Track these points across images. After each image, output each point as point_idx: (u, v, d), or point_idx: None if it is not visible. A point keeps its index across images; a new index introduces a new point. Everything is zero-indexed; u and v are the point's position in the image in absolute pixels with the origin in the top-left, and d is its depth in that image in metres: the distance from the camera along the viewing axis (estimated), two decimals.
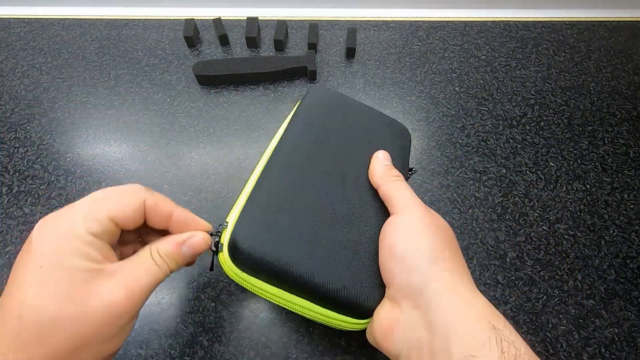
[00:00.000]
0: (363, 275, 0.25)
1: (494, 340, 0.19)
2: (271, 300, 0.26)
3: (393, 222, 0.25)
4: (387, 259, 0.24)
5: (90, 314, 0.20)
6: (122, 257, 0.25)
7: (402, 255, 0.23)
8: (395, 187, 0.27)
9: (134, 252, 0.25)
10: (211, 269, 0.28)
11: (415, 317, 0.22)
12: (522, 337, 0.33)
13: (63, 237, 0.21)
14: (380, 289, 0.25)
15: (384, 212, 0.27)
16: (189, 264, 0.26)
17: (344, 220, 0.26)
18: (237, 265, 0.25)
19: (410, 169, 0.34)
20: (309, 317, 0.26)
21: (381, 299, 0.25)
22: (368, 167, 0.30)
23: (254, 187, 0.28)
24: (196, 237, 0.25)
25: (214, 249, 0.26)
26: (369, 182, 0.29)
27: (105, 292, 0.21)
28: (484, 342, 0.19)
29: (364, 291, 0.24)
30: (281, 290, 0.25)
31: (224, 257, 0.25)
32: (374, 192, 0.28)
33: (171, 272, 0.24)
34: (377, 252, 0.26)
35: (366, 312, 0.24)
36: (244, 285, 0.26)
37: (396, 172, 0.28)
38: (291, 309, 0.26)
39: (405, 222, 0.25)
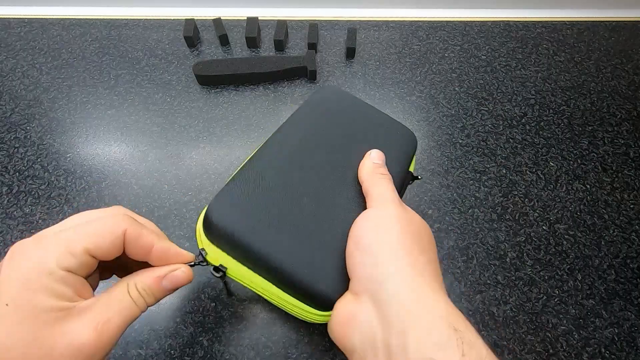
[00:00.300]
0: (329, 265, 0.24)
1: (454, 342, 0.18)
2: (239, 282, 0.26)
3: (366, 214, 0.25)
4: (352, 248, 0.24)
5: (56, 357, 0.19)
6: (102, 278, 0.25)
7: (368, 246, 0.23)
8: (378, 183, 0.26)
9: (112, 274, 0.24)
10: (229, 294, 0.28)
11: (372, 312, 0.21)
12: (522, 337, 0.34)
13: (33, 272, 0.19)
14: (344, 281, 0.24)
15: (363, 208, 0.27)
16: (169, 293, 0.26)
17: (322, 211, 0.26)
18: (208, 239, 0.25)
19: (415, 177, 0.34)
20: (274, 302, 0.26)
21: (344, 292, 0.24)
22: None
23: (240, 169, 0.28)
24: (178, 272, 0.24)
25: (217, 274, 0.25)
26: (357, 178, 0.29)
27: (74, 333, 0.20)
28: (443, 344, 0.18)
29: (326, 280, 0.24)
30: (247, 269, 0.25)
31: (199, 229, 0.26)
32: (359, 189, 0.28)
33: (147, 307, 0.23)
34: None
35: (326, 302, 0.24)
36: (214, 263, 0.26)
37: (384, 170, 0.28)
38: (256, 291, 0.26)
39: (377, 215, 0.24)
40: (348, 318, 0.22)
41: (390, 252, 0.22)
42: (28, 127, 0.45)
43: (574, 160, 0.44)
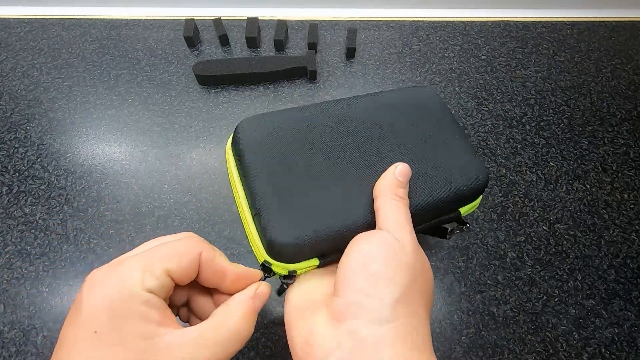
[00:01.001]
0: (297, 223, 0.23)
1: None
2: (232, 187, 0.28)
3: (382, 235, 0.22)
4: (356, 267, 0.21)
5: None
6: None
7: (375, 275, 0.20)
8: (394, 205, 0.23)
9: (177, 314, 0.24)
10: (279, 294, 0.28)
11: (349, 345, 0.19)
12: (522, 337, 0.34)
13: (117, 297, 0.19)
14: (302, 251, 0.23)
15: (369, 212, 0.25)
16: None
17: (326, 182, 0.25)
18: (232, 147, 0.27)
19: (461, 221, 0.29)
20: (243, 223, 0.26)
21: (291, 258, 0.23)
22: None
23: (292, 107, 0.29)
24: (263, 287, 0.23)
25: (290, 281, 0.25)
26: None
27: None
28: None
29: (286, 234, 0.23)
30: (239, 182, 0.27)
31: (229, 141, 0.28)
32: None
33: (246, 339, 0.22)
34: (336, 223, 0.24)
35: (273, 245, 0.23)
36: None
37: (403, 192, 0.24)
38: (237, 204, 0.27)
39: (395, 245, 0.22)
40: (323, 347, 0.20)
41: (395, 293, 0.20)
42: (28, 127, 0.45)
43: (574, 160, 0.44)
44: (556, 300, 0.35)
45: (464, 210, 0.29)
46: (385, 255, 0.21)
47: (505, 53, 0.53)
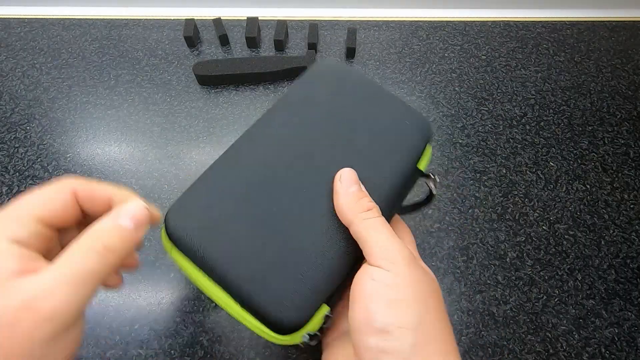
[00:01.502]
0: (289, 290, 0.22)
1: None
2: (199, 287, 0.24)
3: (373, 276, 0.21)
4: (363, 326, 0.20)
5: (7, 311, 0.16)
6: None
7: (382, 329, 0.19)
8: (370, 226, 0.22)
9: None
10: None
11: None
12: (522, 337, 0.34)
13: None
14: (303, 308, 0.22)
15: (339, 231, 0.24)
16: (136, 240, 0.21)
17: (292, 226, 0.23)
18: (171, 241, 0.24)
19: (425, 174, 0.29)
20: (233, 315, 0.24)
21: (301, 319, 0.22)
22: (347, 164, 0.25)
23: (211, 165, 0.26)
24: (131, 204, 0.21)
25: (313, 342, 0.23)
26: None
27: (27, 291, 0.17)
28: None
29: (284, 307, 0.22)
30: (205, 278, 0.23)
31: (163, 232, 0.24)
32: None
33: (115, 263, 0.19)
34: (319, 266, 0.23)
35: (283, 329, 0.22)
36: (179, 265, 0.24)
37: (367, 202, 0.23)
38: (216, 302, 0.24)
39: (389, 282, 0.20)
40: None
41: (410, 340, 0.19)
42: (28, 127, 0.45)
43: (574, 160, 0.44)
44: (556, 300, 0.35)
45: (422, 166, 0.28)
46: (385, 302, 0.20)
47: (505, 53, 0.53)
